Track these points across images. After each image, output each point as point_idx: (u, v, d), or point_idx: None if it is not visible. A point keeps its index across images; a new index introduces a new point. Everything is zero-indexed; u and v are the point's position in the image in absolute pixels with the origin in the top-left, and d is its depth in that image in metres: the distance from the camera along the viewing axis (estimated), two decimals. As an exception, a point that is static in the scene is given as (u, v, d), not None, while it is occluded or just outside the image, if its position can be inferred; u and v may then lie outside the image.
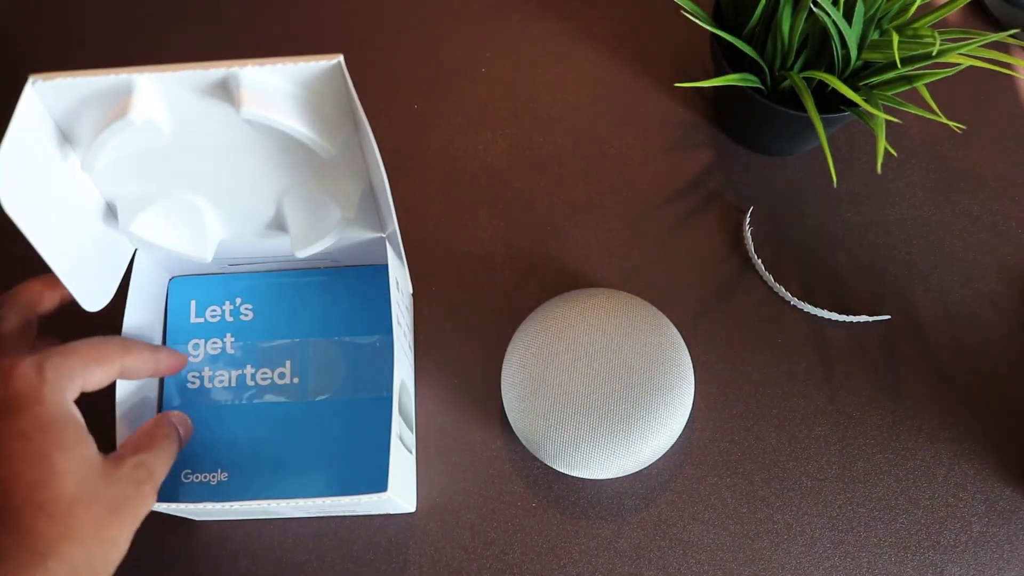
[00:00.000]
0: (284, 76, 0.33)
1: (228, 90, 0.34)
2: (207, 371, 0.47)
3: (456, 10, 0.65)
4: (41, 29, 0.64)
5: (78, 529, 0.30)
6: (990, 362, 0.53)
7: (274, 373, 0.46)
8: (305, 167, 0.39)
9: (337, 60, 0.32)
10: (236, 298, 0.48)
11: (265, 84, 0.33)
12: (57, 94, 0.33)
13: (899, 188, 0.58)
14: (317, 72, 0.33)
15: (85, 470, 0.32)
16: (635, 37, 0.64)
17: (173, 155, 0.37)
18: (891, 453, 0.50)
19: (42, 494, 0.30)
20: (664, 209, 0.57)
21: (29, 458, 0.30)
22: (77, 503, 0.31)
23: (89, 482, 0.32)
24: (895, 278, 0.55)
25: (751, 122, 0.55)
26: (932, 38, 0.48)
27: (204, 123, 0.35)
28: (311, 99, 0.34)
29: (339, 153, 0.37)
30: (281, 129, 0.34)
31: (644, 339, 0.47)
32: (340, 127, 0.36)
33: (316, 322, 0.47)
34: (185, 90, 0.34)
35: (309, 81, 0.33)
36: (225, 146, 0.37)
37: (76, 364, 0.34)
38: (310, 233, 0.41)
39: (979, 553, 0.48)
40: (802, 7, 0.47)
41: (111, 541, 0.32)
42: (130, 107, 0.33)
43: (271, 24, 0.64)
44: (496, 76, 0.62)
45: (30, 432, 0.31)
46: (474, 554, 0.48)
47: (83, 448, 0.32)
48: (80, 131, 0.35)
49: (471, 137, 0.60)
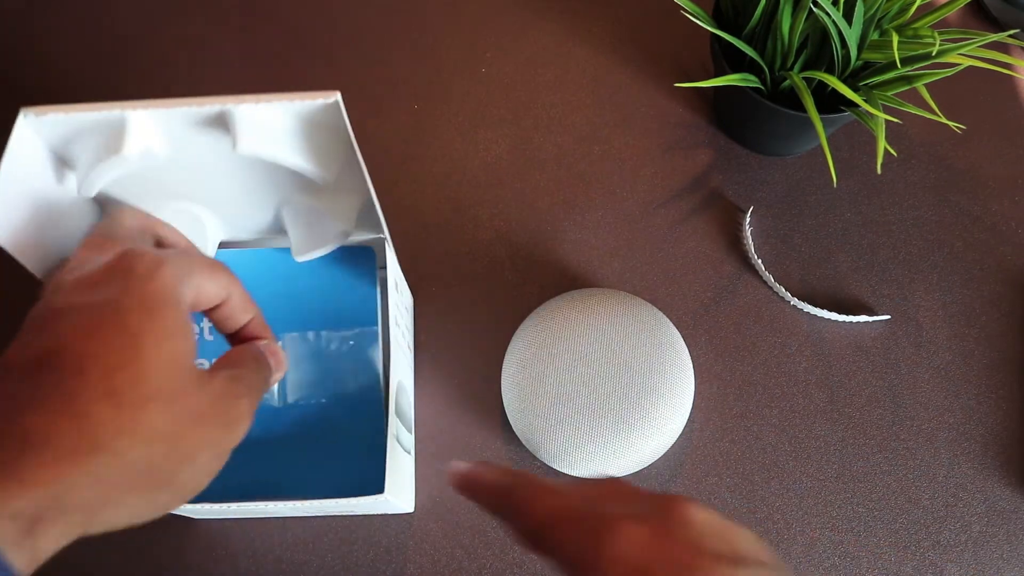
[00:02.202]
0: (281, 112, 0.33)
1: (224, 122, 0.33)
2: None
3: (456, 10, 0.65)
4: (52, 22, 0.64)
5: (147, 427, 0.26)
6: (990, 362, 0.53)
7: None
8: (302, 190, 0.39)
9: (334, 98, 0.32)
10: None
11: (262, 121, 0.33)
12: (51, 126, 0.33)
13: (899, 188, 0.58)
14: (314, 109, 0.33)
15: (175, 367, 0.27)
16: (635, 37, 0.64)
17: (170, 175, 0.37)
18: (891, 453, 0.50)
19: (118, 379, 0.26)
20: (664, 209, 0.57)
21: (119, 336, 0.26)
22: (155, 398, 0.26)
23: (176, 380, 0.27)
24: (895, 278, 0.55)
25: (751, 122, 0.55)
26: (932, 38, 0.48)
27: (200, 152, 0.35)
28: (308, 132, 0.34)
29: (336, 179, 0.37)
30: (277, 162, 0.34)
31: (644, 339, 0.47)
32: (336, 156, 0.36)
33: (296, 310, 0.44)
34: (180, 125, 0.33)
35: (305, 118, 0.33)
36: (222, 171, 0.37)
37: (197, 265, 0.31)
38: (310, 241, 0.41)
39: (979, 553, 0.48)
40: (802, 7, 0.47)
41: (186, 454, 0.27)
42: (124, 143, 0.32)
43: (271, 25, 0.64)
44: (496, 76, 0.62)
45: (130, 308, 0.27)
46: (474, 554, 0.48)
47: (181, 342, 0.28)
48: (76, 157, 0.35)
49: (471, 137, 0.60)
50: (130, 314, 0.27)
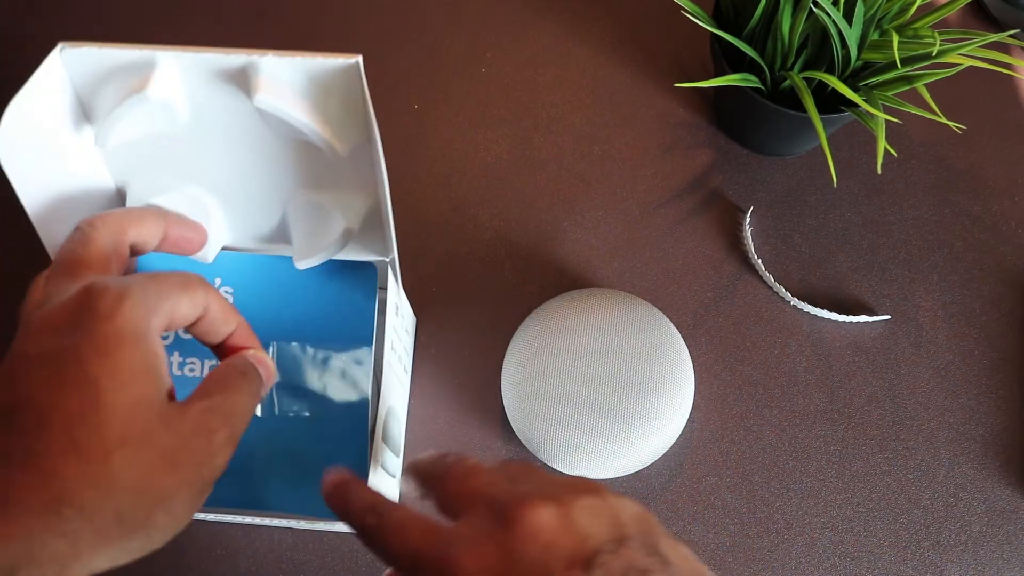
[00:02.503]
0: (301, 70, 0.33)
1: (245, 79, 0.34)
2: (176, 356, 0.41)
3: (456, 10, 0.65)
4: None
5: (113, 477, 0.25)
6: (990, 362, 0.53)
7: None
8: (313, 169, 0.39)
9: (356, 60, 0.32)
10: (216, 277, 0.42)
11: (281, 76, 0.33)
12: (82, 64, 0.33)
13: (899, 188, 0.58)
14: (334, 70, 0.33)
15: (139, 411, 0.26)
16: (635, 37, 0.64)
17: (185, 143, 0.37)
18: (891, 453, 0.50)
19: (81, 430, 0.25)
20: (664, 209, 0.57)
21: (79, 385, 0.26)
22: (120, 447, 0.25)
23: (141, 424, 0.26)
24: (895, 278, 0.55)
25: (751, 122, 0.55)
26: (932, 38, 0.48)
27: (218, 111, 0.36)
28: (324, 99, 0.34)
29: (348, 159, 0.37)
30: (291, 123, 0.34)
31: (644, 339, 0.47)
32: (351, 132, 0.36)
33: (290, 320, 0.42)
34: (204, 73, 0.34)
35: (325, 79, 0.34)
36: (236, 139, 0.37)
37: (166, 288, 0.29)
38: (312, 244, 0.41)
39: (979, 553, 0.48)
40: (802, 7, 0.47)
41: (160, 498, 0.26)
42: (149, 83, 0.33)
43: (272, 24, 0.64)
44: (496, 76, 0.62)
45: (89, 354, 0.26)
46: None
47: (145, 385, 0.27)
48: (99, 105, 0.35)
49: (471, 137, 0.60)
50: (90, 361, 0.26)
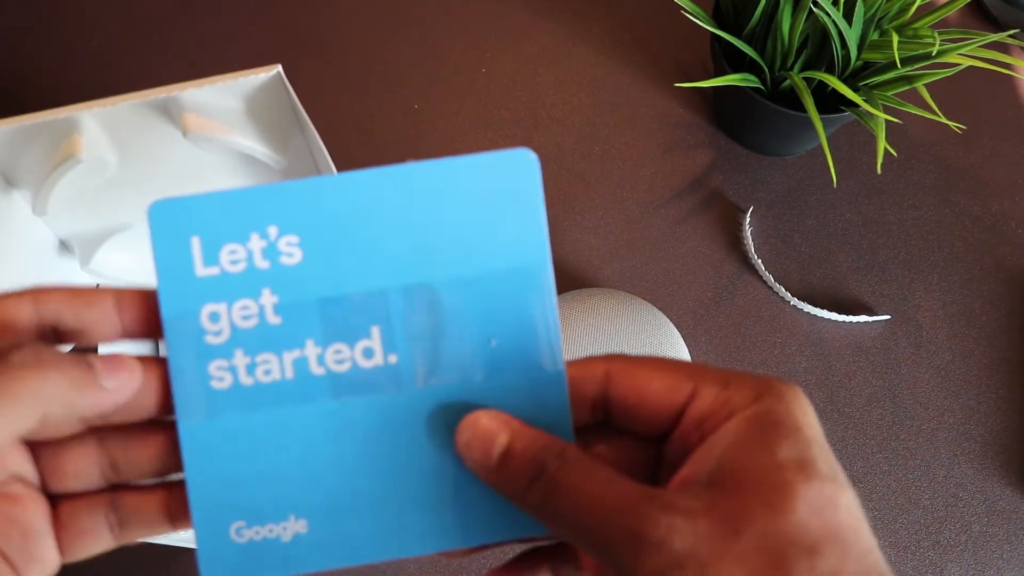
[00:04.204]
0: (226, 93, 0.33)
1: (171, 113, 0.33)
2: (240, 357, 0.27)
3: (456, 10, 0.65)
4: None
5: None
6: (990, 362, 0.53)
7: (354, 350, 0.27)
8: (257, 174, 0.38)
9: (276, 71, 0.32)
10: (269, 226, 0.27)
11: (208, 104, 0.33)
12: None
13: (899, 188, 0.58)
14: (257, 85, 0.33)
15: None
16: (635, 37, 0.64)
17: (124, 186, 0.37)
18: (891, 453, 0.50)
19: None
20: (664, 209, 0.57)
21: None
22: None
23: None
24: (895, 278, 0.55)
25: (751, 122, 0.55)
26: (932, 38, 0.48)
27: (153, 149, 0.35)
28: (256, 112, 0.34)
29: (291, 162, 0.37)
30: (230, 147, 0.34)
31: (644, 339, 0.47)
32: (289, 136, 0.36)
33: (414, 254, 0.27)
34: (129, 119, 0.33)
35: (251, 95, 0.33)
36: (176, 169, 0.37)
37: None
38: None
39: (979, 553, 0.48)
40: (802, 7, 0.47)
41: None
42: (75, 146, 0.32)
43: (269, 24, 0.64)
44: (496, 76, 0.62)
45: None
46: (474, 554, 0.48)
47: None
48: (24, 173, 0.34)
49: (471, 137, 0.60)
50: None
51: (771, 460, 0.20)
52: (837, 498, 0.20)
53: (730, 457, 0.21)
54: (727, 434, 0.21)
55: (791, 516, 0.19)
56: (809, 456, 0.20)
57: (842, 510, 0.20)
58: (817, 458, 0.20)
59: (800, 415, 0.21)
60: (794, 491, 0.20)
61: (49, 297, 0.23)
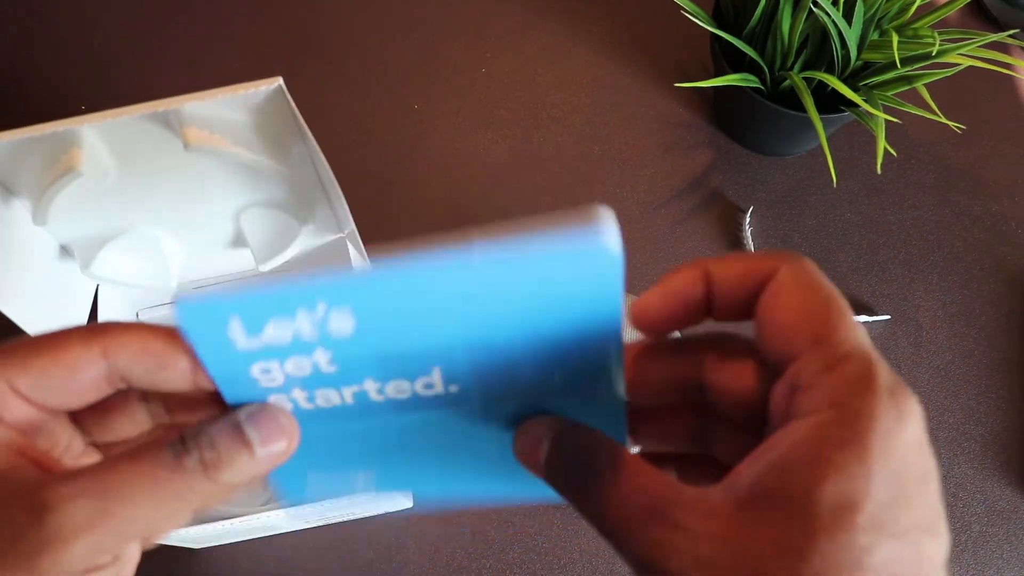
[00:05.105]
0: (227, 106, 0.32)
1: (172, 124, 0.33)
2: (298, 392, 0.26)
3: (456, 10, 0.65)
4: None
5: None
6: (990, 362, 0.53)
7: (415, 384, 0.26)
8: (259, 186, 0.38)
9: (277, 84, 0.31)
10: (317, 303, 0.24)
11: (209, 116, 0.33)
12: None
13: (899, 188, 0.58)
14: (259, 98, 0.32)
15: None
16: (635, 37, 0.64)
17: (125, 193, 0.37)
18: (891, 453, 0.50)
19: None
20: (664, 209, 0.57)
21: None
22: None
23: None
24: (895, 278, 0.55)
25: (751, 122, 0.55)
26: (932, 38, 0.48)
27: (153, 160, 0.35)
28: (257, 122, 0.34)
29: (292, 171, 0.37)
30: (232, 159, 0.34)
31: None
32: (290, 144, 0.35)
33: (478, 330, 0.24)
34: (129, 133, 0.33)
35: (253, 107, 0.33)
36: (177, 177, 0.36)
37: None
38: (271, 246, 0.40)
39: (979, 553, 0.48)
40: (802, 7, 0.47)
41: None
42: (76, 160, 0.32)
43: (268, 24, 0.64)
44: (496, 76, 0.62)
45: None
46: (474, 554, 0.48)
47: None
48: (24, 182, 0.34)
49: (471, 137, 0.60)
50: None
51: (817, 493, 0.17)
52: (872, 553, 0.17)
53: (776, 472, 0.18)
54: (794, 435, 0.18)
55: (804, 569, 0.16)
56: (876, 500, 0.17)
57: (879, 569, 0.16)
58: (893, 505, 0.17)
59: (903, 447, 0.17)
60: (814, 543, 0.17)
61: (120, 353, 0.22)
